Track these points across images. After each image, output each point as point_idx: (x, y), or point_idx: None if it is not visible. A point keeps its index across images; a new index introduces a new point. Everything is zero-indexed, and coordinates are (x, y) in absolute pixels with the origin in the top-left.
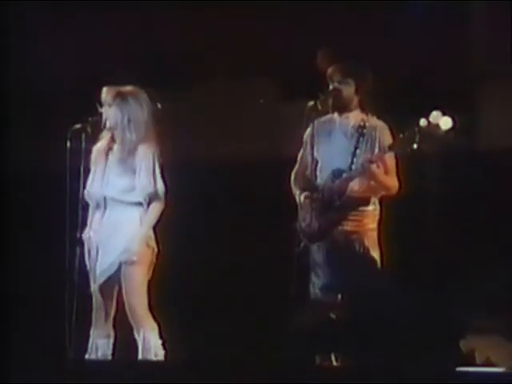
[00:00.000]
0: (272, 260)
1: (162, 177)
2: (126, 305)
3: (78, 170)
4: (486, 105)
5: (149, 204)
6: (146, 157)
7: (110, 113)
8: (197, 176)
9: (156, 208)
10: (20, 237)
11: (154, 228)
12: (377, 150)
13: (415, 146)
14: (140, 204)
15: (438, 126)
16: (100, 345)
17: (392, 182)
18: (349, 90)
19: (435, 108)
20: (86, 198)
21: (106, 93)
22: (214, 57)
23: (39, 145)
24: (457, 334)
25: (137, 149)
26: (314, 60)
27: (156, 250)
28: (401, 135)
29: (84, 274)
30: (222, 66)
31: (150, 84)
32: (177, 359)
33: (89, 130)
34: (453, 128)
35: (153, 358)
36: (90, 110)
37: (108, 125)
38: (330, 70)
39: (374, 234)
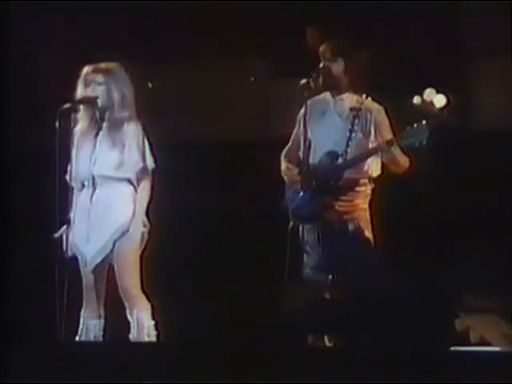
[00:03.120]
0: (263, 239)
1: (152, 154)
2: (118, 285)
3: (68, 150)
4: (481, 83)
5: (138, 181)
6: (135, 133)
7: (99, 91)
8: (187, 155)
9: (147, 186)
10: (8, 219)
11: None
12: (372, 133)
13: (424, 141)
14: (129, 181)
15: (431, 103)
16: (91, 326)
17: (404, 159)
18: (338, 68)
19: (429, 86)
20: (71, 179)
21: (92, 71)
22: (204, 35)
23: (28, 125)
24: (451, 313)
25: (125, 125)
26: (306, 38)
27: (148, 228)
28: (408, 128)
29: (74, 256)
30: (212, 45)
31: (139, 62)
32: (169, 340)
33: (78, 109)
34: (447, 106)
35: (145, 338)
36: (77, 90)
37: (98, 103)
38: (321, 48)
39: (367, 214)
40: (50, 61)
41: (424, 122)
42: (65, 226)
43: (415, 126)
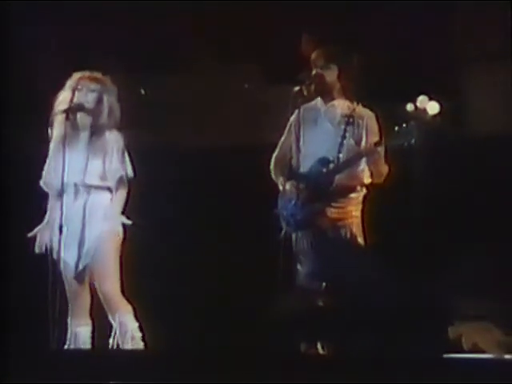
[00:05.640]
0: (255, 247)
1: (131, 162)
2: (98, 291)
3: (62, 157)
4: (473, 89)
5: (116, 188)
6: (116, 141)
7: (91, 98)
8: (177, 162)
9: (123, 193)
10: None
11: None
12: (364, 139)
13: (412, 141)
14: (109, 189)
15: (424, 110)
16: (79, 333)
17: (385, 168)
18: (331, 75)
19: (422, 93)
20: (48, 186)
21: (84, 78)
22: (196, 42)
23: (20, 131)
24: (444, 320)
25: (107, 133)
26: (299, 45)
27: (123, 234)
28: (396, 128)
29: (59, 265)
30: (204, 51)
31: (127, 70)
32: (155, 344)
33: (70, 115)
34: (440, 113)
35: (130, 341)
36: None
37: (87, 110)
38: (313, 55)
39: (359, 221)
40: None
41: (413, 122)
42: (41, 225)
43: (404, 126)
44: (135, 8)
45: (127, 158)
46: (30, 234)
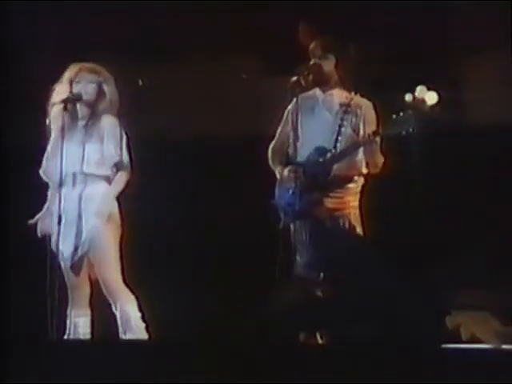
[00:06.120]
0: (254, 237)
1: (128, 149)
2: (100, 280)
3: (60, 146)
4: (472, 80)
5: (113, 175)
6: (112, 127)
7: (90, 89)
8: (175, 152)
9: (122, 177)
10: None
11: (119, 199)
12: (361, 128)
13: (411, 130)
14: (107, 178)
15: (423, 100)
16: (79, 324)
17: (381, 159)
18: (329, 65)
19: (420, 83)
20: (48, 175)
21: (83, 70)
22: (193, 33)
23: (18, 122)
24: (442, 310)
25: (103, 120)
26: (297, 35)
27: (120, 221)
28: (394, 116)
29: (58, 254)
30: (202, 41)
31: (127, 60)
32: (158, 334)
33: (68, 106)
34: (438, 103)
35: (133, 331)
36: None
37: (87, 101)
38: (311, 45)
39: (357, 212)
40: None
41: (410, 111)
42: (41, 213)
43: (401, 114)
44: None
45: (124, 145)
46: (30, 222)
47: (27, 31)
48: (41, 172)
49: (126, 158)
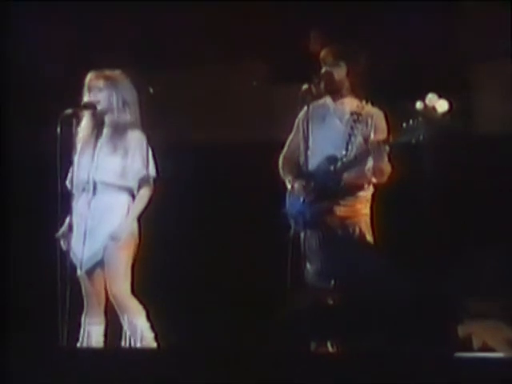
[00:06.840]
0: (264, 246)
1: (154, 161)
2: (108, 291)
3: (70, 156)
4: (483, 88)
5: (138, 189)
6: (139, 141)
7: (101, 97)
8: (187, 161)
9: (146, 194)
10: (11, 224)
11: (140, 220)
12: (372, 137)
13: (421, 137)
14: (129, 189)
15: (434, 108)
16: (92, 332)
17: (388, 167)
18: (340, 73)
19: (431, 91)
20: (71, 184)
21: (94, 77)
22: (205, 40)
23: (30, 131)
24: (454, 319)
25: (128, 132)
26: (308, 42)
27: (138, 236)
28: (404, 124)
29: (73, 261)
30: (213, 49)
31: (140, 68)
32: (167, 344)
33: (80, 115)
34: (449, 111)
35: (140, 341)
36: (80, 96)
37: (99, 109)
38: (322, 53)
39: (367, 219)
40: (52, 68)
41: (421, 119)
42: (65, 227)
43: (411, 122)
44: (146, 4)
45: (151, 158)
46: (57, 235)
47: (34, 37)
48: (67, 182)
49: (152, 172)
